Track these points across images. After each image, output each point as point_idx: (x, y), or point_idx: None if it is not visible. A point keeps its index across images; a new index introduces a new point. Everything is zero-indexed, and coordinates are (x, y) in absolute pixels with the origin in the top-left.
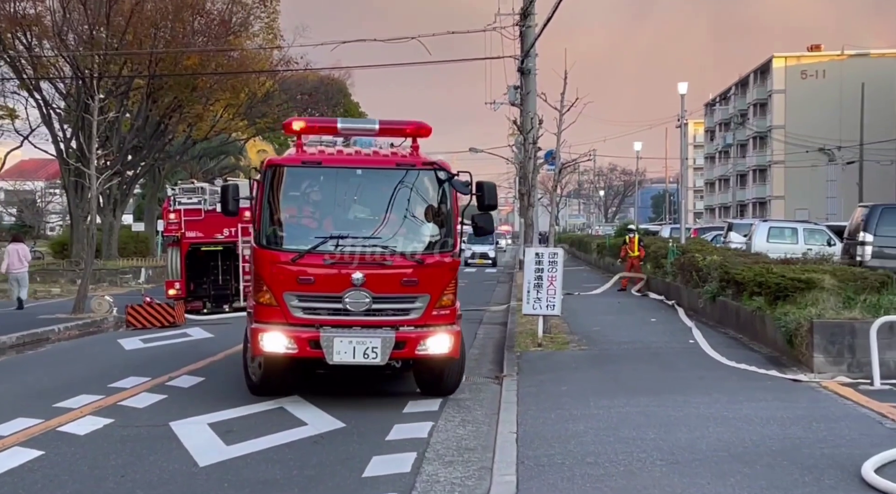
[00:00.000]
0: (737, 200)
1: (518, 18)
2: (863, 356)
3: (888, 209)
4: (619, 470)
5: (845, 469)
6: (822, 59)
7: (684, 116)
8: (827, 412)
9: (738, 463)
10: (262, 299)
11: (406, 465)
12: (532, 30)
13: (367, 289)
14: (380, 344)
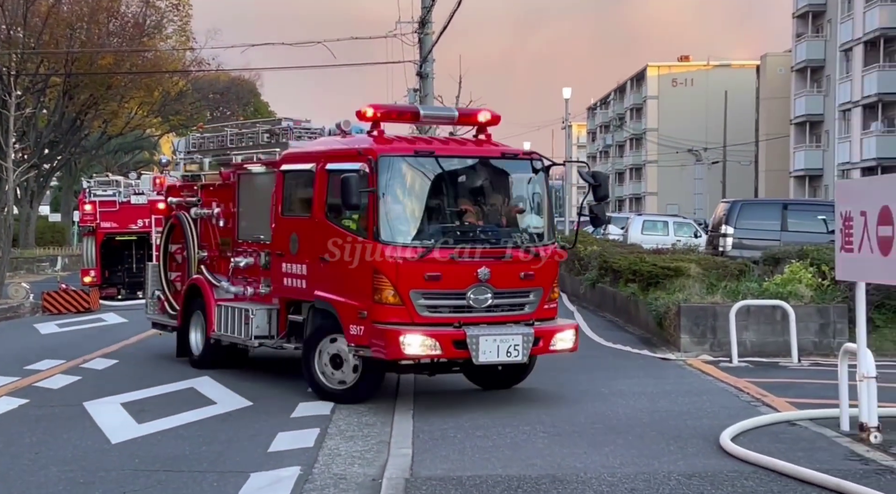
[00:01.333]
0: (615, 196)
1: (417, 26)
2: (723, 336)
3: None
4: (506, 442)
5: (706, 438)
6: (690, 68)
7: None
8: (691, 388)
9: (612, 434)
10: (384, 298)
11: (310, 440)
12: (430, 37)
13: (491, 284)
14: (521, 342)
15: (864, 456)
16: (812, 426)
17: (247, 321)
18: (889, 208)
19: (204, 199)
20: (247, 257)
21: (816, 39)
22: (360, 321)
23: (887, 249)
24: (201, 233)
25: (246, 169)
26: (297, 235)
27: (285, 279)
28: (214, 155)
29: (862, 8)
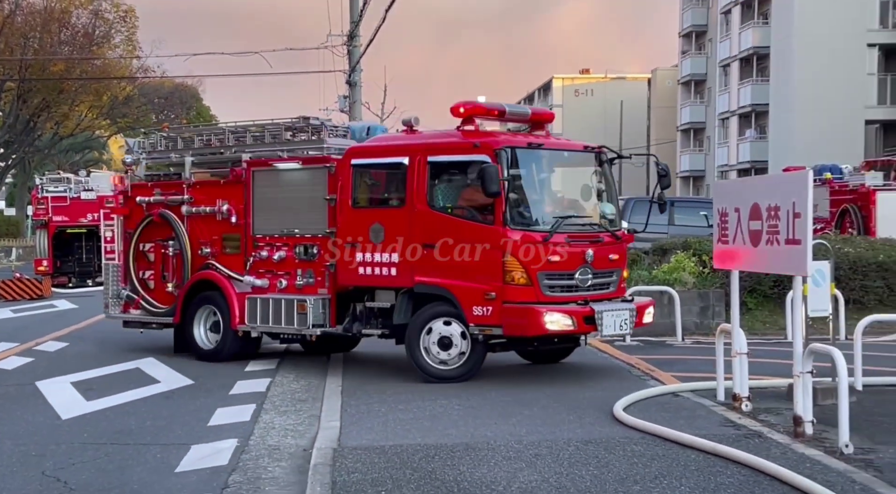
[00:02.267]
0: None
1: (346, 39)
2: None
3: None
4: (425, 415)
5: (602, 408)
6: (590, 80)
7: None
8: (590, 364)
9: (519, 406)
10: (516, 279)
11: (247, 415)
12: (357, 49)
13: (592, 266)
14: (628, 316)
15: (737, 423)
16: (693, 396)
17: (302, 311)
18: (758, 206)
19: (197, 196)
20: (275, 250)
21: (699, 56)
22: (486, 302)
23: (756, 241)
24: (197, 230)
25: (270, 165)
26: (381, 225)
27: (360, 268)
28: (198, 153)
29: (738, 29)
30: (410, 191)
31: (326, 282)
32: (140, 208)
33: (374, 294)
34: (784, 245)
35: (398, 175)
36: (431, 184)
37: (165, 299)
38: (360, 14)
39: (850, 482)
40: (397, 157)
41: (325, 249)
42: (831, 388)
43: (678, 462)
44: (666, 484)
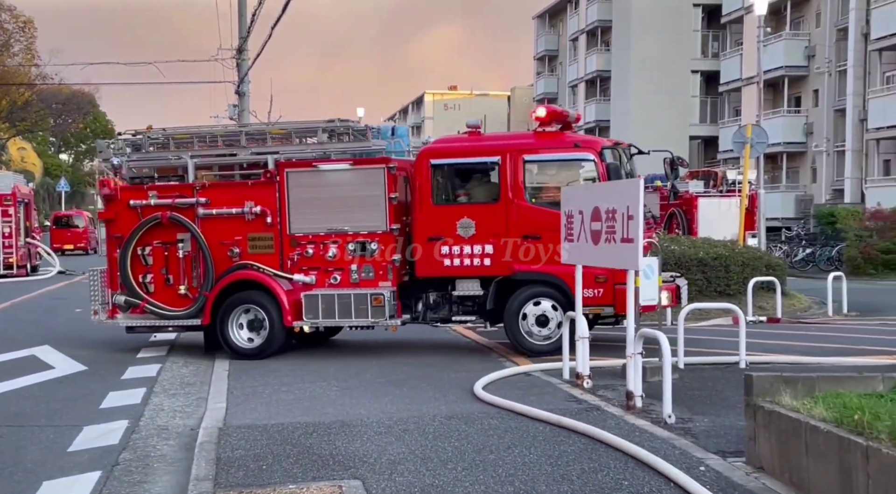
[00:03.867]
0: None
1: (235, 53)
2: None
3: None
4: (305, 396)
5: (464, 387)
6: (458, 96)
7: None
8: (455, 348)
9: (391, 386)
10: None
11: (137, 398)
12: (246, 62)
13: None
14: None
15: (579, 398)
16: (543, 376)
17: (378, 304)
18: (599, 209)
19: (213, 198)
20: (323, 248)
21: (552, 77)
22: (597, 285)
23: (597, 239)
24: (215, 232)
25: (313, 166)
26: (471, 220)
27: (446, 260)
28: (199, 155)
29: (584, 54)
30: (506, 187)
31: (389, 275)
32: (133, 211)
33: (453, 284)
34: (620, 243)
35: (488, 173)
36: (529, 181)
37: (178, 302)
38: (248, 30)
39: (671, 447)
40: (488, 156)
41: (387, 244)
42: (658, 367)
43: (528, 433)
44: (517, 453)
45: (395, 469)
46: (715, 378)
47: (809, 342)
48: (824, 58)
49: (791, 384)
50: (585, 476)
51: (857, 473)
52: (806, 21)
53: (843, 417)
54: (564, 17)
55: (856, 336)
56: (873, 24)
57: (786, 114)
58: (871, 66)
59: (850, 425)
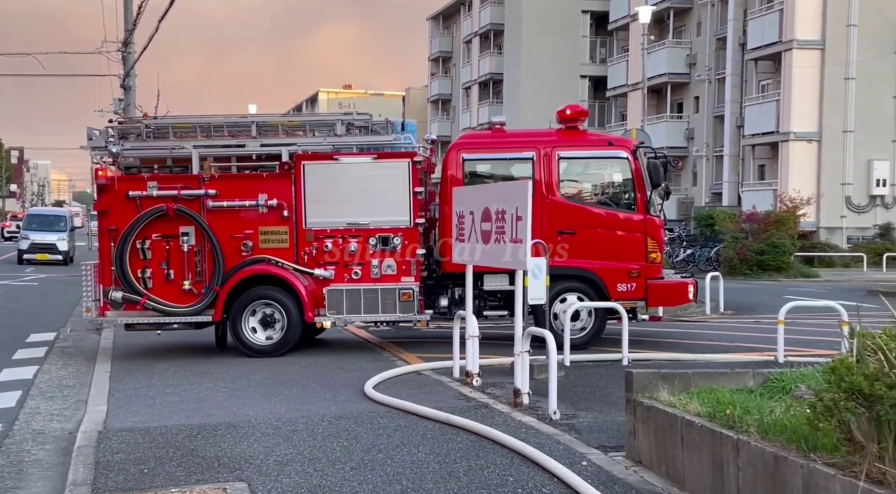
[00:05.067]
0: None
1: (121, 46)
2: None
3: None
4: (191, 397)
5: (355, 387)
6: (353, 95)
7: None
8: (348, 345)
9: (281, 387)
10: (657, 259)
11: (12, 401)
12: (132, 55)
13: None
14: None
15: (468, 396)
16: (433, 374)
17: (407, 299)
18: (489, 209)
19: (223, 190)
20: (342, 242)
21: (445, 78)
22: (630, 280)
23: (487, 239)
24: (225, 225)
25: (333, 159)
26: None
27: None
28: (203, 146)
29: (477, 57)
30: (540, 183)
31: (412, 271)
32: (131, 203)
33: (480, 279)
34: (509, 243)
35: (521, 168)
36: (563, 177)
37: (181, 298)
38: (134, 23)
39: (556, 443)
40: (522, 151)
41: (411, 240)
42: (545, 365)
43: (417, 431)
44: (406, 452)
45: (283, 470)
46: (599, 375)
47: (688, 340)
48: (705, 66)
49: (669, 380)
50: (472, 472)
51: (728, 465)
52: (688, 30)
53: (716, 412)
54: (458, 20)
55: (731, 334)
56: (749, 35)
57: (669, 119)
58: (747, 74)
59: (723, 419)
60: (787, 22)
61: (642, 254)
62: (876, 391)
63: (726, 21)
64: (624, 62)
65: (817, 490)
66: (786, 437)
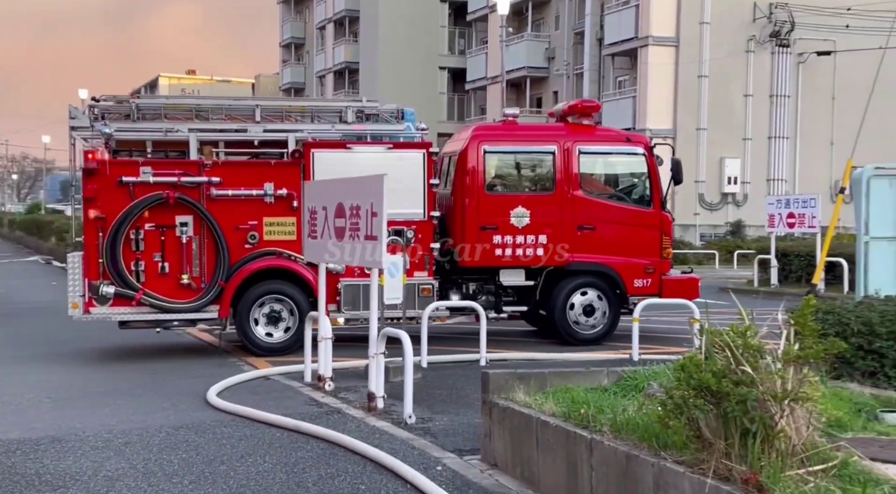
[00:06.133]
0: None
1: None
2: None
3: None
4: (10, 409)
5: (197, 394)
6: (197, 81)
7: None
8: (189, 350)
9: (113, 396)
10: (669, 254)
11: None
12: None
13: None
14: None
15: (320, 401)
16: (283, 379)
17: (427, 294)
18: (343, 205)
19: (227, 178)
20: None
21: (298, 66)
22: (646, 275)
23: (341, 236)
24: (228, 215)
25: (346, 147)
26: (526, 209)
27: (497, 250)
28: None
29: (332, 44)
30: (562, 177)
31: (426, 265)
32: (123, 189)
33: (496, 274)
34: (364, 241)
35: (543, 162)
36: (583, 171)
37: (178, 293)
38: None
39: (410, 448)
40: (543, 145)
41: (425, 233)
42: (401, 366)
43: (264, 440)
44: (251, 462)
45: (113, 487)
46: (457, 376)
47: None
48: (563, 60)
49: (525, 380)
50: (322, 482)
51: (582, 465)
52: (546, 23)
53: (570, 411)
54: (311, 4)
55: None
56: (606, 30)
57: (528, 114)
58: (605, 70)
59: (577, 419)
60: (643, 18)
61: (657, 250)
62: (723, 388)
63: (584, 15)
64: (483, 54)
65: (667, 487)
66: (638, 435)
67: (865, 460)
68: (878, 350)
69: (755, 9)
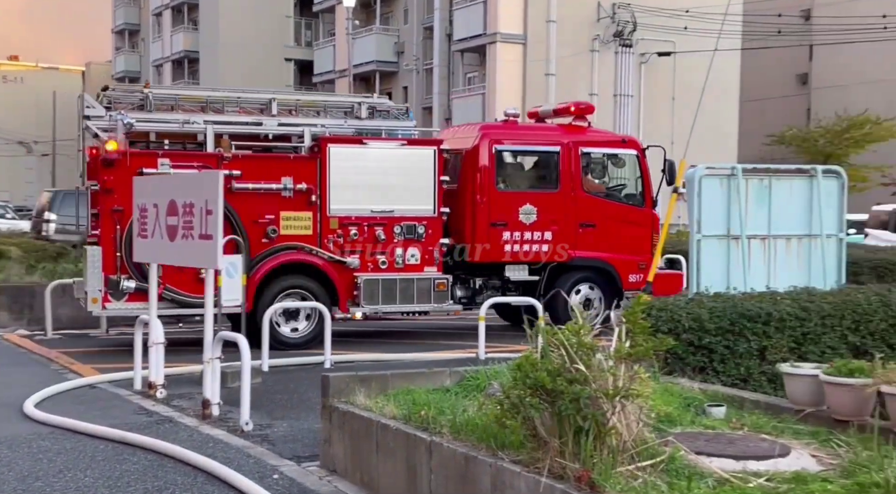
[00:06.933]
0: None
1: None
2: (40, 312)
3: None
4: None
5: (13, 406)
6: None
7: None
8: (4, 361)
9: None
10: (656, 250)
11: None
12: None
13: None
14: None
15: (150, 410)
16: (110, 387)
17: (442, 289)
18: (175, 202)
19: (245, 171)
20: (369, 230)
21: (133, 54)
22: (639, 271)
23: (174, 235)
24: (248, 209)
25: (362, 143)
26: (533, 206)
27: (507, 246)
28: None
29: (169, 32)
30: (566, 176)
31: (436, 260)
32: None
33: (501, 270)
34: (198, 240)
35: (548, 161)
36: (584, 171)
37: (197, 288)
38: None
39: (246, 456)
40: (549, 145)
41: (435, 229)
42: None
43: (86, 453)
44: (70, 477)
45: None
46: (300, 380)
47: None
48: (413, 55)
49: (366, 382)
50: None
51: (421, 468)
52: (395, 17)
53: (411, 413)
54: None
55: (443, 331)
56: (455, 26)
57: None
58: (454, 66)
59: (417, 421)
60: (491, 15)
61: (649, 247)
62: (557, 386)
63: (433, 10)
64: (331, 47)
65: (504, 488)
66: (477, 436)
67: (691, 454)
68: (707, 346)
69: (599, 8)
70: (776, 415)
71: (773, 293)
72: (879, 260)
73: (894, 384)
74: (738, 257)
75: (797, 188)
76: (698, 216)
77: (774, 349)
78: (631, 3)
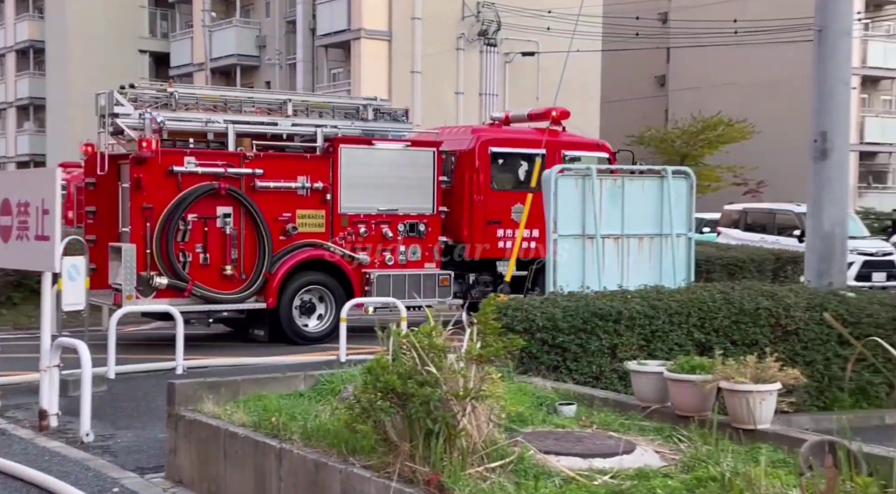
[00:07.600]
0: None
1: None
2: None
3: None
4: None
5: None
6: None
7: None
8: None
9: None
10: None
11: None
12: None
13: None
14: None
15: None
16: None
17: (445, 284)
18: (9, 201)
19: (267, 170)
20: (376, 227)
21: None
22: None
23: (7, 236)
24: (269, 207)
25: (370, 143)
26: (523, 205)
27: (500, 243)
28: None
29: (13, 19)
30: None
31: (435, 257)
32: (171, 179)
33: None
34: (34, 241)
35: (535, 163)
36: None
37: (222, 284)
38: None
39: (85, 469)
40: (535, 147)
41: (435, 226)
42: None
43: None
44: None
45: None
46: (148, 387)
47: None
48: (275, 49)
49: (215, 389)
50: None
51: (271, 477)
52: (256, 10)
53: (261, 420)
54: None
55: None
56: (319, 21)
57: None
58: (319, 61)
59: (267, 428)
60: (355, 10)
61: None
62: (408, 389)
63: (295, 4)
64: (189, 39)
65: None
66: (328, 442)
67: (540, 453)
68: (560, 345)
69: (464, 7)
70: (624, 412)
71: (624, 292)
72: (730, 258)
73: (733, 380)
74: (593, 256)
75: (648, 189)
76: (554, 216)
77: (625, 347)
78: (495, 3)
